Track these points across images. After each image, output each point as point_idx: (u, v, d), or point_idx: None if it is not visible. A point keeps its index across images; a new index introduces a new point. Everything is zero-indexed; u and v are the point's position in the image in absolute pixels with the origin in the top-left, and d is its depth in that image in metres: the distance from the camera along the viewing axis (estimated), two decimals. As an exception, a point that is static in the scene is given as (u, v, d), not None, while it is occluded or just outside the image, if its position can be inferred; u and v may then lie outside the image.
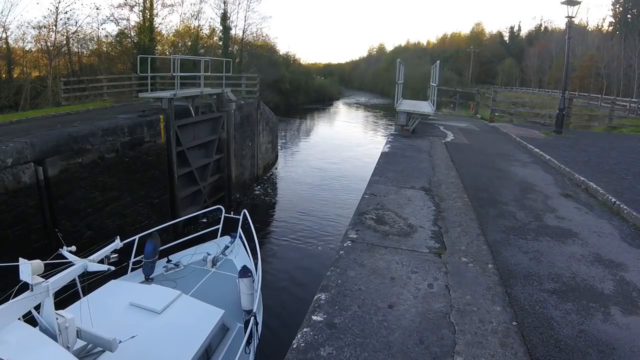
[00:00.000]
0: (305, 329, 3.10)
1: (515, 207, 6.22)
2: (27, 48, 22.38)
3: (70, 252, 4.23)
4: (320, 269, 9.64)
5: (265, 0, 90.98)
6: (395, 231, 5.03)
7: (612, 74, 41.97)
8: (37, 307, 3.79)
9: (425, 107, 13.98)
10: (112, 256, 4.46)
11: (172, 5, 29.89)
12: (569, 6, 12.78)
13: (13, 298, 3.59)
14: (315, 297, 3.57)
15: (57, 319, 3.73)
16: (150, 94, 13.56)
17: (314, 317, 3.25)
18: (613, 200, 6.34)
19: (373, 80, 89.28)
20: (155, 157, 11.88)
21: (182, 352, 4.43)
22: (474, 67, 64.06)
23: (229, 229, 7.94)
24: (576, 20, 16.24)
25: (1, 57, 19.89)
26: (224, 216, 7.74)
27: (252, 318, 5.41)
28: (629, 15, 50.77)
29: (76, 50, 24.46)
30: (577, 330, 3.25)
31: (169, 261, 7.06)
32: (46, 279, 3.79)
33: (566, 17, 13.11)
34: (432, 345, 2.97)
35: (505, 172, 8.54)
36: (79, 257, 4.18)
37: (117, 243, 4.63)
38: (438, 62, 14.74)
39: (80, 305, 4.34)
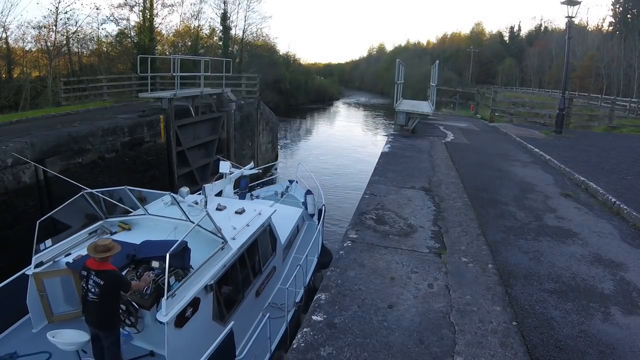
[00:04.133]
0: (305, 329, 3.10)
1: (515, 207, 6.22)
2: (27, 48, 22.40)
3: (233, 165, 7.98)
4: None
5: (265, 0, 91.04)
6: (395, 231, 5.03)
7: (612, 74, 41.92)
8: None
9: (424, 107, 13.98)
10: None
11: (172, 5, 29.93)
12: (569, 6, 12.78)
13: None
14: (315, 297, 3.57)
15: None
16: (150, 94, 13.56)
17: (314, 317, 3.25)
18: (613, 200, 6.34)
19: (373, 80, 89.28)
20: (155, 157, 11.89)
21: (290, 222, 7.57)
22: (474, 67, 64.03)
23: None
24: (576, 20, 16.26)
25: (1, 57, 19.88)
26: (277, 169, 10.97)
27: (323, 207, 8.94)
28: (629, 15, 50.74)
29: (76, 50, 24.47)
30: (577, 330, 3.25)
31: (251, 195, 9.47)
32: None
33: (566, 17, 13.12)
34: (432, 345, 2.97)
35: (505, 172, 8.54)
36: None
37: (251, 165, 9.06)
38: (437, 62, 14.74)
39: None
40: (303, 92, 51.48)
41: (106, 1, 40.56)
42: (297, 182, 10.26)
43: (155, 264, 4.51)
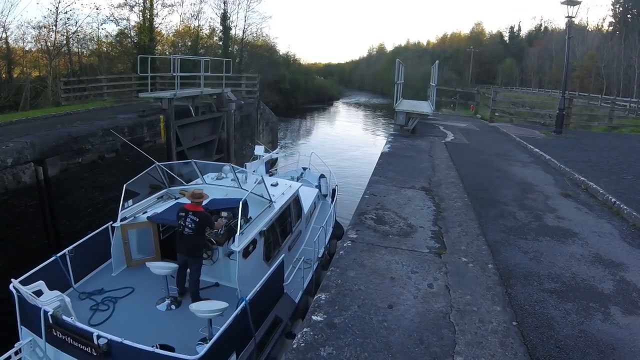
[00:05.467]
0: (305, 329, 3.10)
1: (515, 207, 6.22)
2: (27, 48, 22.34)
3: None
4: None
5: (265, 0, 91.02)
6: (395, 231, 5.03)
7: (612, 74, 41.87)
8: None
9: (424, 107, 13.98)
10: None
11: (172, 5, 29.77)
12: (569, 6, 12.78)
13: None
14: (315, 297, 3.57)
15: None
16: (150, 94, 13.55)
17: (314, 317, 3.25)
18: (613, 200, 6.34)
19: (373, 80, 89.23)
20: (155, 157, 11.83)
21: (309, 199, 8.58)
22: (474, 67, 63.97)
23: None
24: (576, 20, 16.26)
25: (1, 57, 19.86)
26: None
27: (336, 187, 10.41)
28: (629, 15, 50.71)
29: (76, 50, 24.41)
30: (577, 330, 3.25)
31: None
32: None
33: (566, 17, 13.12)
34: (432, 345, 2.98)
35: (505, 172, 8.54)
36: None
37: (277, 150, 11.67)
38: (437, 62, 14.74)
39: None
40: (303, 92, 51.44)
41: (106, 1, 40.49)
42: (309, 169, 11.25)
43: (224, 214, 5.92)
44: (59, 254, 5.43)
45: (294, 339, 3.02)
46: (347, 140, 30.71)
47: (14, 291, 4.69)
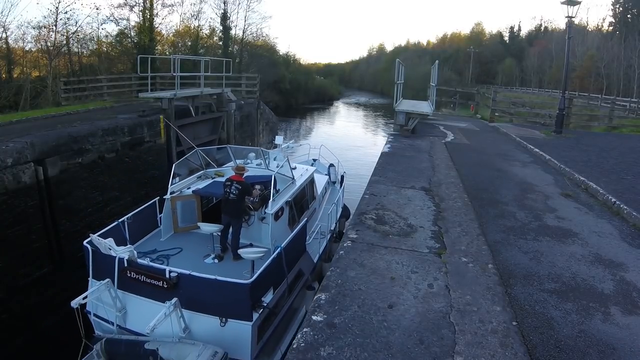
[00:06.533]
0: (305, 329, 3.10)
1: (515, 207, 6.22)
2: (27, 48, 22.35)
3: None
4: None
5: (265, 0, 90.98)
6: (395, 231, 5.03)
7: (612, 74, 41.85)
8: None
9: (424, 107, 13.97)
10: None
11: (172, 5, 29.77)
12: (569, 6, 12.77)
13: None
14: (315, 297, 3.57)
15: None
16: (151, 94, 13.55)
17: (314, 317, 3.25)
18: (613, 200, 6.34)
19: (373, 80, 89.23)
20: (155, 157, 11.89)
21: (320, 184, 9.82)
22: (474, 67, 63.92)
23: None
24: (576, 20, 16.26)
25: (1, 57, 19.86)
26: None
27: (344, 173, 11.66)
28: (629, 15, 50.71)
29: (76, 50, 24.42)
30: (577, 330, 3.25)
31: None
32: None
33: (566, 17, 13.11)
34: (432, 345, 2.97)
35: (505, 172, 8.54)
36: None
37: (293, 140, 14.47)
38: (437, 62, 14.74)
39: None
40: (303, 92, 51.46)
41: (106, 1, 40.47)
42: (319, 160, 12.10)
43: (257, 186, 7.09)
44: (119, 220, 6.56)
45: (295, 340, 3.02)
46: (347, 140, 30.69)
47: (89, 247, 5.66)
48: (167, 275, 5.11)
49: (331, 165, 11.58)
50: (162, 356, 5.04)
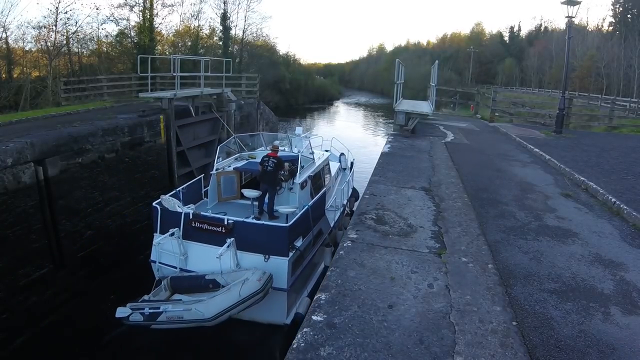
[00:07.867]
0: (305, 329, 3.10)
1: (515, 207, 6.22)
2: (27, 48, 22.36)
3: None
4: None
5: (265, 0, 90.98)
6: (395, 231, 5.03)
7: (612, 74, 41.84)
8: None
9: (424, 107, 13.98)
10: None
11: (172, 5, 29.80)
12: (569, 6, 12.77)
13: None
14: (315, 297, 3.57)
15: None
16: (151, 94, 13.53)
17: (314, 317, 3.25)
18: (613, 200, 6.34)
19: (373, 80, 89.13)
20: (155, 157, 11.88)
21: (333, 169, 11.09)
22: (474, 67, 63.93)
23: None
24: (576, 20, 16.25)
25: (1, 57, 19.86)
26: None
27: (353, 160, 13.37)
28: (629, 15, 50.67)
29: (76, 50, 24.43)
30: (577, 330, 3.25)
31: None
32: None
33: (566, 17, 13.12)
34: (432, 345, 2.97)
35: (505, 172, 8.54)
36: None
37: (311, 132, 17.71)
38: (437, 62, 14.74)
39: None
40: (303, 92, 51.44)
41: (106, 1, 40.45)
42: (330, 151, 13.11)
43: (286, 163, 8.62)
44: (177, 189, 8.33)
45: (295, 340, 3.02)
46: (347, 140, 30.64)
47: (158, 207, 7.23)
48: (225, 222, 6.66)
49: (342, 154, 12.80)
50: (221, 282, 6.36)
